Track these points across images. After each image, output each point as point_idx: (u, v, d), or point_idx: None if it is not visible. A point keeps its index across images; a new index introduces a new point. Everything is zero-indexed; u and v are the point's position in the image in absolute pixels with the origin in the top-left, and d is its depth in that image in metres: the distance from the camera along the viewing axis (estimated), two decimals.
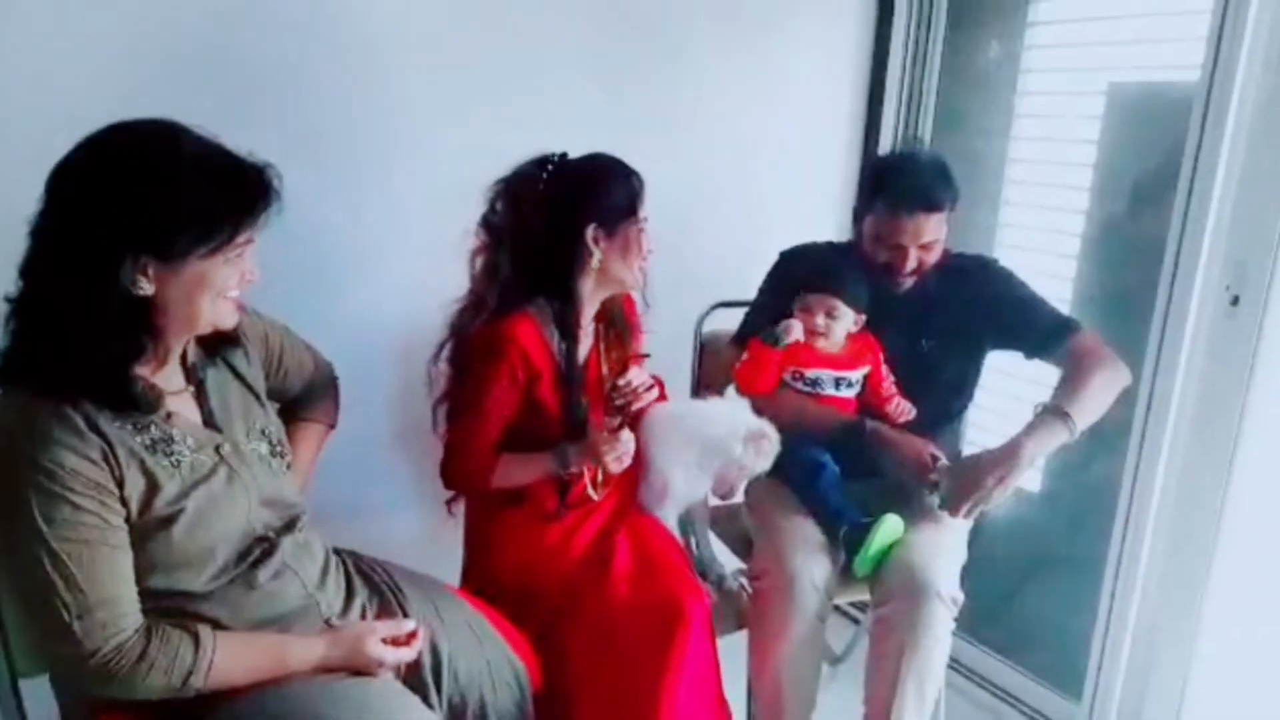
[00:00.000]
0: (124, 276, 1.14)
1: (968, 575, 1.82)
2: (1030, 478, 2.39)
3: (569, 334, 1.73)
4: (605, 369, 1.82)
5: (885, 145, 2.60)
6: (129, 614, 1.18)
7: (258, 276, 1.28)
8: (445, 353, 1.76)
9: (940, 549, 1.79)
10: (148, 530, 1.20)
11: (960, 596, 1.75)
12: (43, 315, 1.16)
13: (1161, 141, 2.03)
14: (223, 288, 1.23)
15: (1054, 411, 1.75)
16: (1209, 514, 1.90)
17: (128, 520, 1.18)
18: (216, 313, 1.25)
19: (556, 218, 1.68)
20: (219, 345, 1.36)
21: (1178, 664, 1.98)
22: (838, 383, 1.90)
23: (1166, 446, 2.00)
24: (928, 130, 2.56)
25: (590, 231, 1.69)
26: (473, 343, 1.69)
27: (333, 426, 1.68)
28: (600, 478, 1.79)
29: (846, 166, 2.66)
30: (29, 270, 1.16)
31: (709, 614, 1.65)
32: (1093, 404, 1.78)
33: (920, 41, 2.53)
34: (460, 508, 1.84)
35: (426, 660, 1.43)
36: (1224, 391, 1.86)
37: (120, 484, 1.17)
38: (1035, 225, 2.35)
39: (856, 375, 1.91)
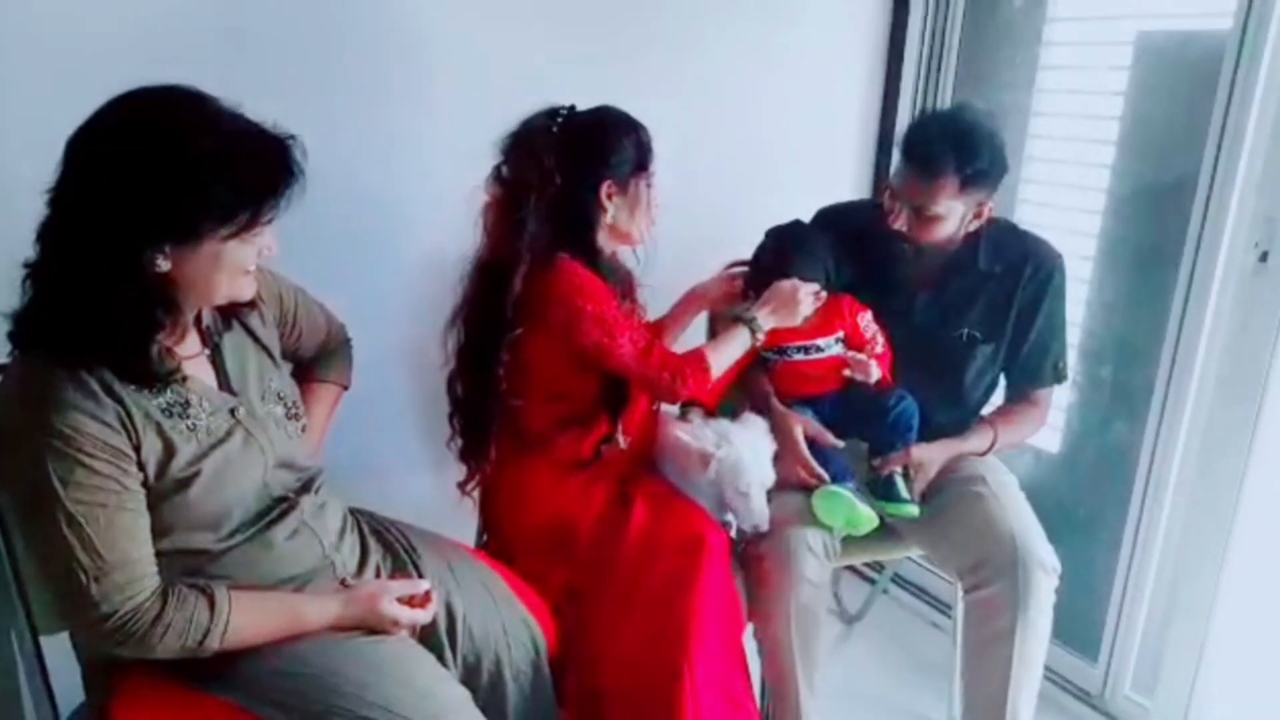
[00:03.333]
0: (142, 256, 1.13)
1: None
2: (1049, 438, 2.38)
3: None
4: None
5: (905, 99, 2.55)
6: (146, 576, 1.18)
7: (276, 251, 1.26)
8: (459, 316, 1.75)
9: (1024, 514, 1.77)
10: (164, 493, 1.20)
11: (1059, 565, 1.72)
12: (59, 284, 1.15)
13: (1191, 93, 1.97)
14: (241, 264, 1.22)
15: (993, 440, 1.89)
16: (1231, 475, 1.88)
17: (144, 484, 1.19)
18: (234, 287, 1.25)
19: (573, 174, 1.67)
20: (235, 308, 1.36)
21: (1195, 626, 1.97)
22: (805, 349, 1.88)
23: (1190, 406, 1.97)
24: (949, 82, 2.50)
25: (605, 188, 1.70)
26: (555, 290, 1.65)
27: (346, 388, 1.67)
28: (622, 427, 1.79)
29: (867, 121, 2.61)
30: (46, 237, 1.15)
31: (727, 543, 1.70)
32: (1008, 444, 1.94)
33: None
34: (471, 487, 1.84)
35: (441, 619, 1.43)
36: (1250, 350, 1.83)
37: (137, 448, 1.17)
38: (1060, 180, 2.30)
39: (826, 341, 1.87)
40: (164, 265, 1.15)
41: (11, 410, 1.15)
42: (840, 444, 1.83)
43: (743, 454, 1.71)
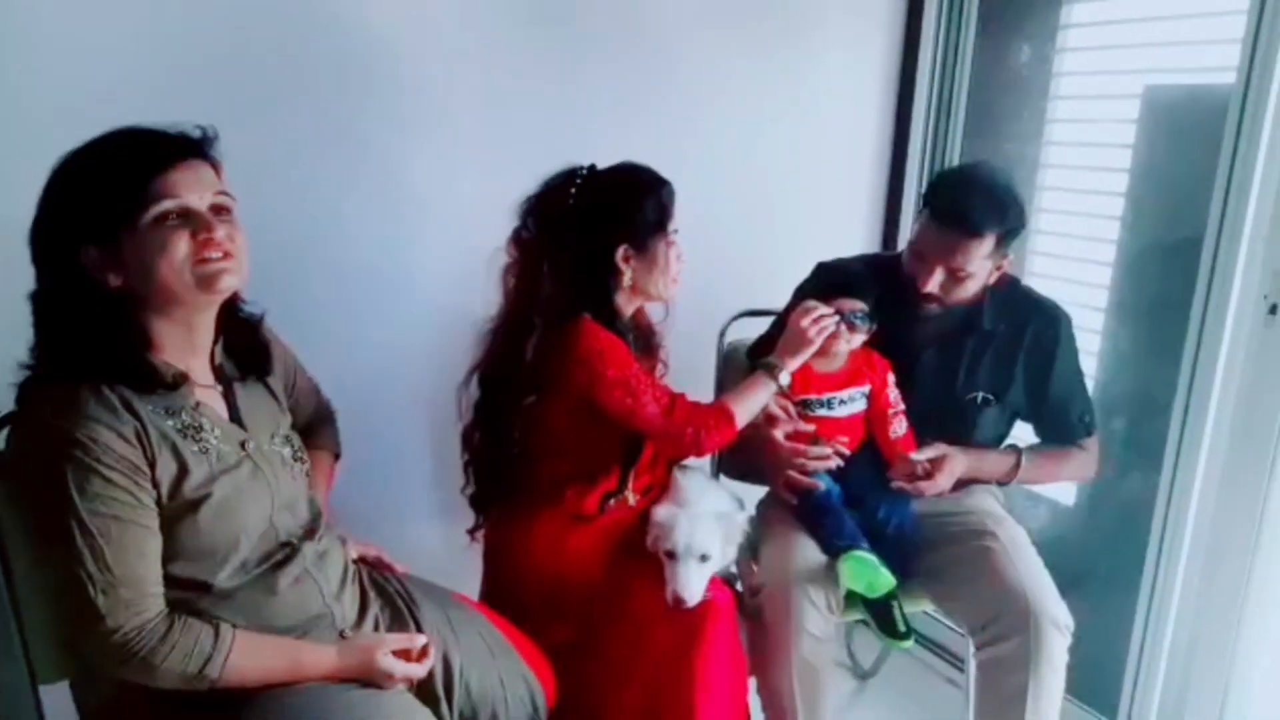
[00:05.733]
0: (90, 270, 1.18)
1: None
2: (1065, 491, 2.35)
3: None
4: None
5: (915, 150, 2.57)
6: (153, 596, 1.20)
7: (223, 245, 1.22)
8: (474, 378, 1.76)
9: (1036, 569, 1.74)
10: (176, 514, 1.22)
11: (1072, 622, 1.69)
12: (46, 310, 1.21)
13: (1199, 146, 1.97)
14: (174, 255, 1.19)
15: (1014, 462, 1.88)
16: (1248, 529, 1.84)
17: (157, 502, 1.21)
18: (183, 280, 1.21)
19: (587, 238, 1.67)
20: (250, 359, 1.39)
21: (1216, 683, 1.92)
22: (829, 404, 1.85)
23: (1203, 459, 1.94)
24: (958, 135, 2.52)
25: (621, 252, 1.68)
26: (576, 353, 1.63)
27: (338, 457, 1.67)
28: (632, 484, 1.79)
29: (876, 172, 2.63)
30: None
31: (733, 603, 1.68)
32: (1042, 479, 1.97)
33: (950, 45, 2.49)
34: (482, 534, 1.84)
35: (438, 672, 1.43)
36: (1262, 402, 1.80)
37: (152, 464, 1.19)
38: (1071, 232, 2.29)
39: (850, 394, 1.85)
40: (115, 280, 1.19)
41: (34, 422, 1.19)
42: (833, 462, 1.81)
43: (679, 518, 1.68)
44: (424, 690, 1.41)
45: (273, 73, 1.83)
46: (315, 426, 1.64)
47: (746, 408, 1.73)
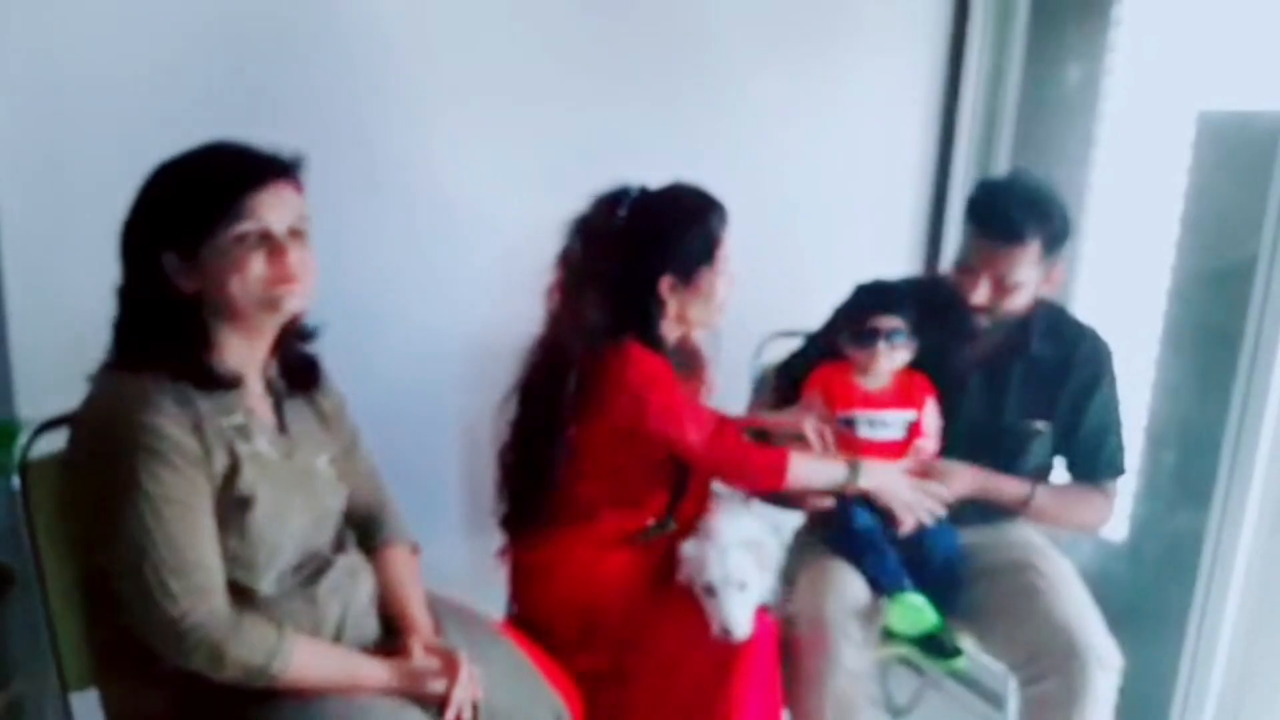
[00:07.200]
0: (167, 274, 1.23)
1: None
2: (1113, 526, 2.28)
3: None
4: None
5: (959, 170, 2.53)
6: (220, 587, 1.23)
7: (295, 275, 1.26)
8: (515, 399, 1.74)
9: (1080, 604, 1.69)
10: (227, 511, 1.25)
11: (1120, 659, 1.63)
12: (123, 305, 1.27)
13: (1252, 172, 1.91)
14: (249, 272, 1.24)
15: (1029, 494, 1.80)
16: None
17: (212, 495, 1.24)
18: (250, 297, 1.25)
19: (632, 265, 1.64)
20: (300, 373, 1.42)
21: None
22: (874, 424, 1.79)
23: (1255, 493, 1.88)
24: (1004, 155, 2.48)
25: (665, 282, 1.65)
26: (622, 381, 1.61)
27: (416, 549, 1.59)
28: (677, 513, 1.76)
29: (918, 192, 2.59)
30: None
31: (772, 634, 1.63)
32: (1058, 516, 1.86)
33: (997, 59, 2.46)
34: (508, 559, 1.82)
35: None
36: None
37: (208, 457, 1.23)
38: (1118, 258, 2.25)
39: (896, 416, 1.79)
40: (188, 285, 1.24)
41: (104, 410, 1.23)
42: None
43: (707, 551, 1.63)
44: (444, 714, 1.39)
45: (306, 81, 1.84)
46: (382, 516, 1.56)
47: (806, 474, 1.67)
